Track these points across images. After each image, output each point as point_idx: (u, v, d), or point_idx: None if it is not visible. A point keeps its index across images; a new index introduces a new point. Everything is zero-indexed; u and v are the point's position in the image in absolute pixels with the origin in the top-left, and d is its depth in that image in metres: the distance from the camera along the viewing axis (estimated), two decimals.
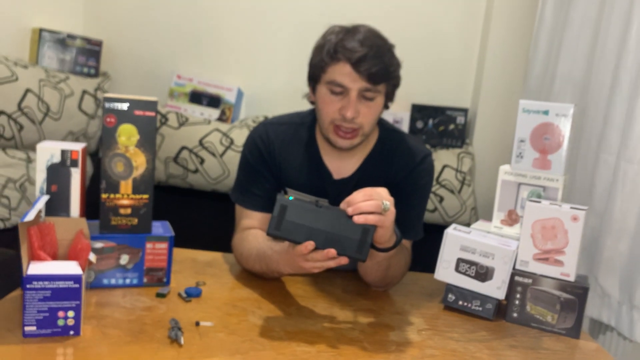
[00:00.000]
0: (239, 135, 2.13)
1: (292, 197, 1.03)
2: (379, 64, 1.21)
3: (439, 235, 1.27)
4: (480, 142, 2.27)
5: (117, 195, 1.14)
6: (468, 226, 1.31)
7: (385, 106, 1.32)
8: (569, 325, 1.19)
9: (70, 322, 0.95)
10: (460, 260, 1.24)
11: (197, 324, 1.05)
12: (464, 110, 2.24)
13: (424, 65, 2.24)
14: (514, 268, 1.22)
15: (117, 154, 1.13)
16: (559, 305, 1.19)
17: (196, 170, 2.13)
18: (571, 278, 1.19)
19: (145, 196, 1.16)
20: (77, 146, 1.13)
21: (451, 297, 1.25)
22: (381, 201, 1.03)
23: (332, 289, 1.30)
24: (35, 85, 1.91)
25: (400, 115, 2.26)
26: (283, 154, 1.37)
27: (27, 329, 0.94)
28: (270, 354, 0.98)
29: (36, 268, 0.95)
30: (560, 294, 1.19)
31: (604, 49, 1.63)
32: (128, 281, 1.18)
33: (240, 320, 1.09)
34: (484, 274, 1.22)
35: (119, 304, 1.10)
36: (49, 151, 1.11)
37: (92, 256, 1.06)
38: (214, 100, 2.23)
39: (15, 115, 1.85)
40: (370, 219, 1.02)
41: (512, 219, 1.29)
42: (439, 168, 2.12)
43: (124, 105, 1.11)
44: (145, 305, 1.11)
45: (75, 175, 1.12)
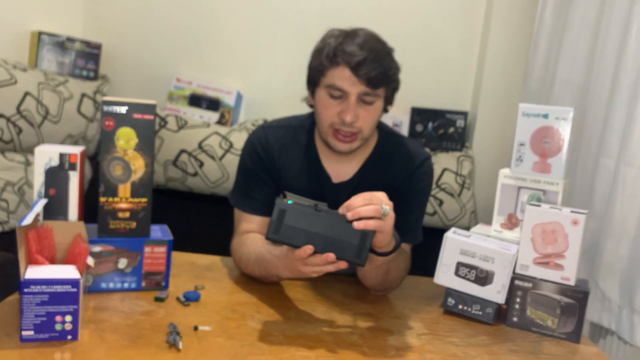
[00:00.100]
0: (238, 138, 2.13)
1: (291, 201, 1.02)
2: (378, 68, 1.21)
3: (438, 239, 1.26)
4: (480, 146, 2.27)
5: (116, 199, 1.14)
6: (468, 230, 1.31)
7: (385, 110, 1.32)
8: (569, 330, 1.19)
9: (68, 327, 0.95)
10: (460, 264, 1.24)
11: (196, 328, 1.04)
12: (464, 114, 2.24)
13: (423, 68, 2.25)
14: (514, 272, 1.22)
15: (116, 158, 1.12)
16: (559, 310, 1.19)
17: (195, 174, 2.12)
18: (571, 282, 1.19)
19: (144, 200, 1.16)
20: (76, 149, 1.13)
21: (451, 301, 1.25)
22: (380, 206, 1.03)
23: (331, 293, 1.29)
24: (34, 88, 1.91)
25: (399, 118, 2.26)
26: (282, 157, 1.36)
27: (25, 333, 0.93)
28: (269, 359, 0.97)
29: (34, 272, 0.95)
30: (560, 298, 1.19)
31: (603, 52, 1.63)
32: (126, 285, 1.17)
33: (239, 325, 1.09)
34: (483, 278, 1.22)
35: (117, 308, 1.09)
36: (47, 154, 1.11)
37: (90, 260, 1.05)
38: (213, 104, 2.23)
39: (14, 118, 1.85)
40: (370, 224, 1.01)
41: (512, 222, 1.29)
42: (439, 171, 2.12)
43: (123, 109, 1.11)
44: (144, 309, 1.10)
45: (73, 178, 1.12)
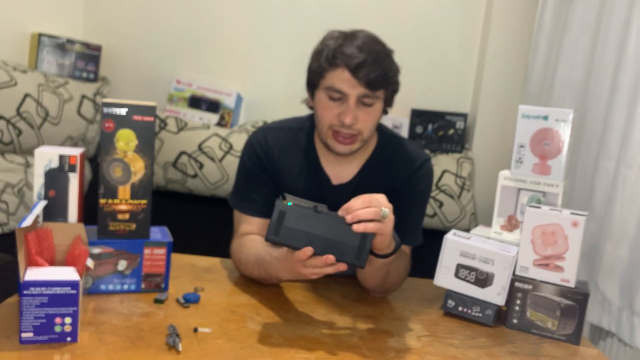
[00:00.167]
0: (238, 140, 2.13)
1: (291, 203, 1.02)
2: (378, 70, 1.21)
3: (438, 241, 1.26)
4: (480, 147, 2.27)
5: (115, 201, 1.14)
6: (468, 232, 1.31)
7: (384, 111, 1.31)
8: (570, 332, 1.18)
9: (67, 329, 0.95)
10: (459, 266, 1.24)
11: (196, 330, 1.04)
12: (464, 115, 2.24)
13: (423, 70, 2.25)
14: (514, 274, 1.22)
15: (116, 159, 1.12)
16: (559, 312, 1.19)
17: (195, 175, 2.12)
18: (571, 284, 1.18)
19: (144, 201, 1.16)
20: (75, 151, 1.13)
21: (451, 303, 1.25)
22: (380, 208, 1.03)
23: (331, 294, 1.29)
24: (34, 90, 1.91)
25: (399, 120, 2.26)
26: (282, 159, 1.36)
27: (24, 335, 0.93)
28: None
29: (33, 274, 0.95)
30: (560, 300, 1.19)
31: (603, 53, 1.63)
32: (126, 287, 1.17)
33: (238, 327, 1.08)
34: (483, 280, 1.22)
35: (116, 310, 1.09)
36: (47, 156, 1.11)
37: (90, 262, 1.05)
38: (213, 105, 2.23)
39: (14, 120, 1.85)
40: (370, 227, 1.01)
41: (512, 224, 1.29)
42: (439, 173, 2.12)
43: (123, 110, 1.11)
44: (143, 311, 1.10)
45: (73, 180, 1.12)
